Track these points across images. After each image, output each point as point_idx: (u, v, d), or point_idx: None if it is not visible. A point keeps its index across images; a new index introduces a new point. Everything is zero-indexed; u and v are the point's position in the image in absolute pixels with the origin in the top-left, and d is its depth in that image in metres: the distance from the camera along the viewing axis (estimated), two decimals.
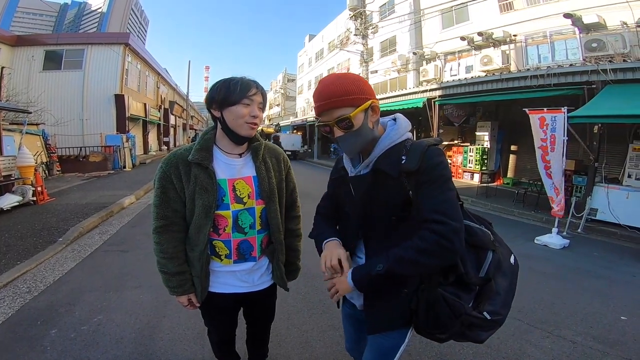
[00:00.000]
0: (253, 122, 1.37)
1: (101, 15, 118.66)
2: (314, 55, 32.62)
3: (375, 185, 1.15)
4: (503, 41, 12.43)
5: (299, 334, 2.62)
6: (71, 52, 17.65)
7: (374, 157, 1.16)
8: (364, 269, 1.14)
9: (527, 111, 5.79)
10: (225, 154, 1.43)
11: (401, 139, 1.17)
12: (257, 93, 1.36)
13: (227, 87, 1.34)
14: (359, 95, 1.10)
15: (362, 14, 15.11)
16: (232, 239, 1.44)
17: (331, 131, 1.14)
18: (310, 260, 1.47)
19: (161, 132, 27.19)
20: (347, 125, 1.10)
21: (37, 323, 2.70)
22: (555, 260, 4.64)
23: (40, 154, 10.99)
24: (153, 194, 1.41)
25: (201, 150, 1.38)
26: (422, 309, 1.11)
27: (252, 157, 1.49)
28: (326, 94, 1.11)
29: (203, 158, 1.37)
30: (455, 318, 1.08)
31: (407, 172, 1.09)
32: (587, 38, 9.18)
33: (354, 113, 1.08)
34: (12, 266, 3.76)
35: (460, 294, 1.11)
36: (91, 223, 5.65)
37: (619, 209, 6.08)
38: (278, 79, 52.65)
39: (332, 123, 1.11)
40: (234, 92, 1.33)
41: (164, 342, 2.47)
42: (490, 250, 1.20)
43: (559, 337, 2.66)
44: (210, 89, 1.40)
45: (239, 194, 1.42)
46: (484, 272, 1.16)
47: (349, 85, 1.10)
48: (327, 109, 1.11)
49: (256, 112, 1.37)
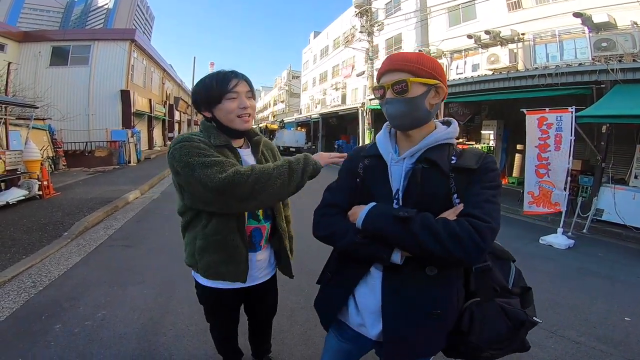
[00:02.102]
0: (245, 113, 1.34)
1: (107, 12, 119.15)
2: (319, 52, 32.52)
3: (424, 178, 1.04)
4: (511, 40, 12.29)
5: (301, 331, 2.62)
6: (78, 48, 17.72)
7: (422, 147, 1.07)
8: (386, 206, 1.03)
9: (525, 112, 5.77)
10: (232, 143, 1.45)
11: (449, 141, 1.11)
12: (238, 83, 1.32)
13: (205, 87, 1.32)
14: (427, 69, 1.02)
15: (367, 11, 15.02)
16: (247, 225, 1.43)
17: (384, 94, 1.06)
18: (312, 257, 1.46)
19: (166, 128, 27.32)
20: (401, 90, 1.02)
21: (41, 318, 2.72)
22: (560, 260, 4.60)
23: (46, 148, 11.08)
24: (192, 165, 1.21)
25: (219, 135, 1.36)
26: (479, 325, 1.03)
27: (252, 151, 1.51)
28: (395, 58, 1.05)
29: (226, 141, 1.37)
30: (518, 328, 1.05)
31: (462, 170, 1.03)
32: (596, 37, 9.05)
33: (414, 79, 1.01)
34: (18, 260, 3.79)
35: (511, 302, 1.09)
36: (96, 218, 5.69)
37: (625, 210, 6.02)
38: (282, 75, 52.62)
39: (388, 85, 1.04)
40: (214, 89, 1.30)
41: (167, 338, 2.48)
42: (512, 262, 1.22)
43: (562, 337, 2.64)
44: (192, 93, 1.38)
45: None
46: (511, 283, 1.16)
47: (423, 58, 1.05)
48: (389, 70, 1.05)
49: (244, 103, 1.33)
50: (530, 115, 5.68)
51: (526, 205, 5.80)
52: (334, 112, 21.64)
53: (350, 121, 20.63)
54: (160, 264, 3.87)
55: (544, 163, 5.55)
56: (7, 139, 7.95)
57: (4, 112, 7.84)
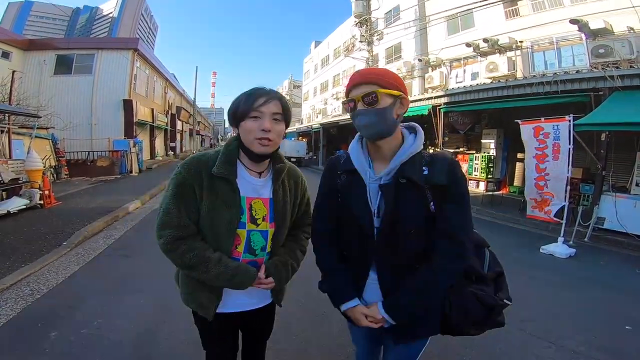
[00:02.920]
0: (264, 137, 1.21)
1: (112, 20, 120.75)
2: (320, 61, 32.80)
3: (402, 195, 1.12)
4: (509, 47, 12.40)
5: (297, 343, 2.61)
6: (81, 57, 17.95)
7: (397, 164, 1.14)
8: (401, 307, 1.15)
9: (520, 122, 5.79)
10: (248, 170, 1.32)
11: (419, 149, 1.17)
12: (267, 102, 1.21)
13: (236, 101, 1.25)
14: (393, 82, 1.11)
15: (367, 20, 15.19)
16: (242, 258, 1.32)
17: (355, 106, 1.13)
18: (311, 269, 1.45)
19: (168, 138, 27.47)
20: (372, 100, 1.09)
21: (38, 325, 2.72)
22: (561, 269, 4.57)
23: (49, 157, 11.15)
24: (165, 200, 1.24)
25: (226, 164, 1.26)
26: (456, 310, 1.17)
27: (272, 178, 1.37)
28: (363, 72, 1.15)
29: (229, 172, 1.25)
30: (490, 311, 1.19)
31: (435, 185, 1.12)
32: (593, 44, 9.12)
33: (382, 91, 1.09)
34: (17, 269, 3.80)
35: (485, 288, 1.23)
36: (96, 227, 5.70)
37: (626, 218, 5.98)
38: (284, 85, 53.02)
39: (358, 97, 1.11)
40: (241, 105, 1.23)
41: (162, 348, 2.47)
42: (485, 248, 1.36)
43: (562, 348, 2.61)
44: (229, 107, 1.30)
45: (254, 213, 1.32)
46: (486, 267, 1.32)
47: (387, 72, 1.14)
48: (357, 84, 1.12)
49: (267, 125, 1.20)
50: (525, 126, 5.70)
51: (529, 210, 5.80)
52: (334, 122, 21.71)
53: (351, 131, 20.52)
54: (158, 274, 3.85)
55: (542, 175, 5.55)
56: (10, 147, 8.02)
57: (7, 121, 7.92)
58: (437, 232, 1.13)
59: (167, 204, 1.22)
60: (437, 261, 1.12)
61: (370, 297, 1.24)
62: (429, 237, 1.15)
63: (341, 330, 2.72)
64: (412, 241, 1.15)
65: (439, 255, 1.12)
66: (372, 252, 1.19)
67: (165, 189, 1.27)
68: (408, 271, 1.16)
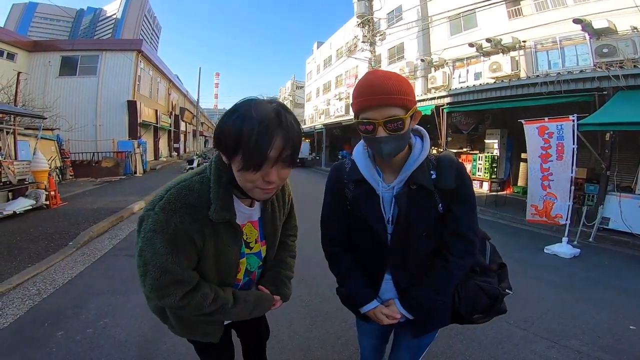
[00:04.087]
0: (267, 188, 0.99)
1: (116, 22, 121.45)
2: (322, 62, 32.79)
3: (414, 201, 1.14)
4: (512, 47, 12.36)
5: (300, 341, 2.62)
6: (86, 58, 18.11)
7: (408, 173, 1.14)
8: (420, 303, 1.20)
9: (524, 122, 5.77)
10: (241, 201, 1.16)
11: (427, 154, 1.17)
12: (279, 147, 0.92)
13: (238, 131, 0.90)
14: (411, 98, 1.02)
15: (369, 21, 15.21)
16: (241, 283, 1.27)
17: (373, 130, 1.02)
18: (314, 269, 1.46)
19: (172, 139, 27.61)
20: (397, 127, 1.01)
21: (44, 325, 2.76)
22: (565, 269, 4.56)
23: (54, 158, 11.26)
24: (156, 259, 0.98)
25: (225, 208, 1.04)
26: (464, 302, 1.25)
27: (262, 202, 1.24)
28: (380, 88, 0.98)
29: (229, 216, 1.06)
30: (494, 301, 1.27)
31: (443, 190, 1.15)
32: (597, 43, 9.07)
33: (407, 115, 1.01)
34: (23, 268, 3.85)
35: (489, 280, 1.31)
36: (101, 227, 5.75)
37: (631, 218, 5.95)
38: (287, 86, 53.06)
39: (380, 122, 1.00)
40: (245, 146, 0.90)
41: (167, 346, 2.49)
42: (487, 240, 1.42)
43: (565, 347, 2.61)
44: (220, 121, 0.98)
45: (246, 238, 1.21)
46: (488, 259, 1.38)
47: (403, 85, 1.01)
48: (376, 105, 0.99)
49: (273, 177, 0.96)
50: (529, 125, 5.68)
51: (529, 215, 5.81)
52: (337, 122, 21.73)
53: (354, 132, 20.68)
54: None
55: (545, 175, 5.53)
56: (16, 149, 8.10)
57: (12, 122, 7.99)
58: (449, 233, 1.19)
59: (163, 263, 0.98)
60: (451, 260, 1.18)
61: (385, 294, 1.29)
62: (438, 236, 1.20)
63: (344, 329, 2.73)
64: (423, 242, 1.19)
65: (452, 255, 1.18)
66: (386, 255, 1.22)
67: (145, 240, 0.98)
68: (420, 269, 1.22)
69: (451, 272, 1.18)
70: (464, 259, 1.19)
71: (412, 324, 1.25)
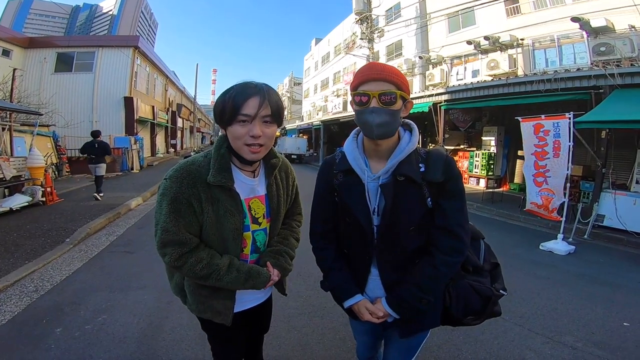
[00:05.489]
0: (254, 143, 1.13)
1: (112, 18, 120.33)
2: (320, 59, 32.73)
3: (400, 193, 1.14)
4: (510, 45, 12.38)
5: (298, 337, 2.64)
6: (82, 54, 18.00)
7: (395, 163, 1.14)
8: (405, 302, 1.17)
9: (520, 119, 5.81)
10: (242, 172, 1.26)
11: (415, 147, 1.19)
12: (256, 104, 1.10)
13: (222, 99, 1.12)
14: (406, 84, 1.12)
15: (368, 18, 15.15)
16: (250, 259, 1.32)
17: (367, 102, 1.09)
18: (312, 264, 1.47)
19: (169, 135, 27.50)
20: (389, 101, 1.08)
21: (42, 322, 2.76)
22: (560, 266, 4.60)
23: (50, 155, 11.19)
24: (161, 218, 1.15)
25: (221, 171, 1.17)
26: (455, 302, 1.22)
27: (265, 174, 1.34)
28: (379, 67, 1.10)
29: (226, 179, 1.17)
30: (487, 301, 1.23)
31: (431, 182, 1.13)
32: (595, 42, 9.11)
33: (400, 92, 1.09)
34: (20, 265, 3.84)
35: (481, 280, 1.28)
36: (99, 224, 5.74)
37: (626, 216, 6.01)
38: (285, 82, 52.95)
39: (376, 93, 1.07)
40: (227, 107, 1.10)
41: (166, 342, 2.50)
42: (481, 239, 1.39)
43: (559, 343, 2.64)
44: (215, 102, 1.18)
45: (254, 213, 1.29)
46: (481, 258, 1.34)
47: (400, 73, 1.13)
48: (373, 79, 1.08)
49: (256, 131, 1.11)
50: (526, 123, 5.72)
51: (528, 205, 5.86)
52: (335, 119, 21.72)
53: (352, 128, 20.51)
54: (160, 270, 3.89)
55: (541, 171, 5.58)
56: (12, 145, 8.06)
57: (8, 119, 7.94)
58: (437, 228, 1.16)
59: (164, 222, 1.13)
60: (438, 256, 1.14)
61: (373, 293, 1.26)
62: (427, 232, 1.18)
63: (342, 324, 2.75)
64: (411, 237, 1.17)
65: (439, 251, 1.15)
66: (372, 249, 1.21)
67: (157, 203, 1.17)
68: (409, 266, 1.19)
69: (437, 269, 1.13)
70: (452, 255, 1.14)
71: (399, 323, 1.22)
